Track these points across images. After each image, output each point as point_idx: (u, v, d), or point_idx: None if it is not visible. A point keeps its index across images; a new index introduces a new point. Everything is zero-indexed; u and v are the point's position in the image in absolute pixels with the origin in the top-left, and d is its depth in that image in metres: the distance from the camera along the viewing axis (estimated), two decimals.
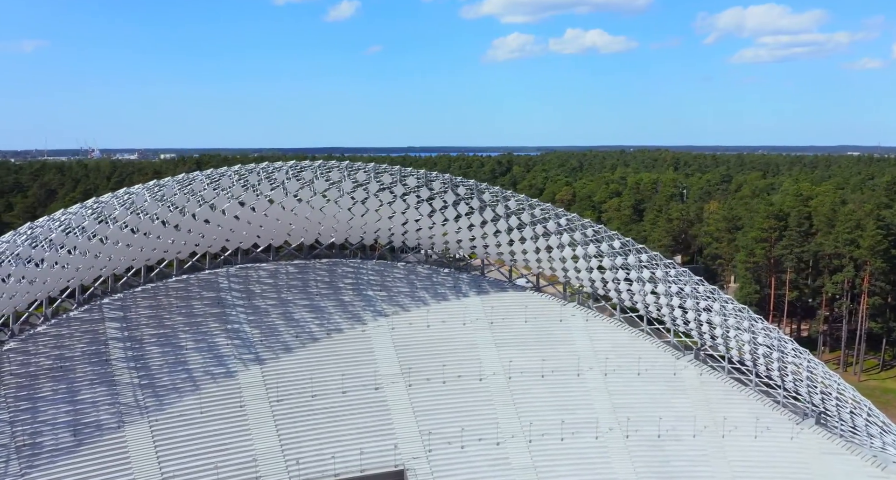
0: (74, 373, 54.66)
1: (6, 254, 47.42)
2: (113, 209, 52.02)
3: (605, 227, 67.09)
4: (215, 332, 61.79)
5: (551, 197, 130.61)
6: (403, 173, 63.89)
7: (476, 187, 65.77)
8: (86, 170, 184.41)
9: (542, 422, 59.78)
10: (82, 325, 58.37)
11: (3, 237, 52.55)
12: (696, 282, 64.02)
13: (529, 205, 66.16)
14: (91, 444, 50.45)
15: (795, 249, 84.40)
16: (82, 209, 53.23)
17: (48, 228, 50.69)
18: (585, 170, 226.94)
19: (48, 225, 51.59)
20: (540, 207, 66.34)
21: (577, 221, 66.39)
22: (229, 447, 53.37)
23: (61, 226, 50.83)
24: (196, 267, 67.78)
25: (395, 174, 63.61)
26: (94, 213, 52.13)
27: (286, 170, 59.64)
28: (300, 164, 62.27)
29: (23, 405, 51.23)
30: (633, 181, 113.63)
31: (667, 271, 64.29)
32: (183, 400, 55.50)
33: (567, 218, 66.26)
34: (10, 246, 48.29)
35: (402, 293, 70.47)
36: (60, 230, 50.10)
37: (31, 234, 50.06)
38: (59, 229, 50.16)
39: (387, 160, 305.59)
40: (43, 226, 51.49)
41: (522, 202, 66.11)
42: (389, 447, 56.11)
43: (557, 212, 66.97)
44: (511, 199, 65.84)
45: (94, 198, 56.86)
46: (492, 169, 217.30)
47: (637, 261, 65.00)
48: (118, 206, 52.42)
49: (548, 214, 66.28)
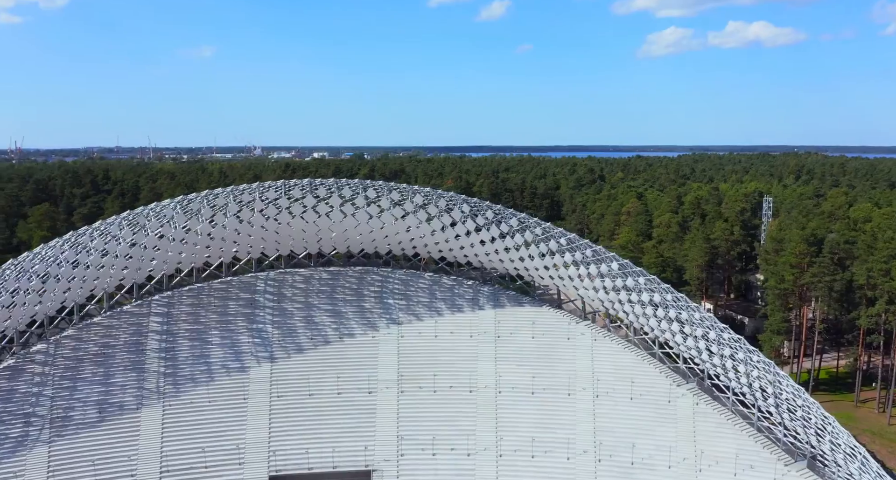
0: (114, 359, 64.87)
1: (77, 247, 57.29)
2: (171, 213, 60.53)
3: (603, 248, 67.02)
4: (240, 330, 69.86)
5: (618, 209, 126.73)
6: (413, 191, 67.84)
7: (480, 205, 68.23)
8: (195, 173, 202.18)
9: (518, 438, 61.87)
10: (131, 318, 68.66)
11: (80, 230, 62.86)
12: (692, 308, 62.63)
13: (535, 221, 67.65)
14: (110, 422, 60.15)
15: (826, 278, 77.18)
16: (144, 211, 62.19)
17: (117, 226, 60.05)
18: (695, 176, 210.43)
19: (118, 222, 60.99)
20: (542, 227, 67.61)
21: (578, 241, 66.94)
22: (224, 434, 61.03)
23: (129, 224, 60.00)
24: (243, 270, 76.47)
25: (406, 192, 67.69)
26: (156, 216, 60.89)
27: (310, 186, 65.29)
28: (339, 182, 67.66)
29: (65, 383, 62.00)
30: (691, 198, 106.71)
31: (664, 295, 63.35)
32: (196, 390, 63.98)
33: (567, 237, 67.00)
34: (86, 239, 58.19)
35: (420, 302, 74.77)
36: (128, 228, 59.33)
37: (103, 230, 59.79)
38: (127, 227, 59.37)
39: (526, 160, 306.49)
40: (112, 224, 61.18)
41: (524, 220, 67.74)
42: (364, 448, 61.06)
43: (559, 231, 67.81)
44: (513, 218, 67.69)
45: (157, 203, 66.06)
46: (587, 172, 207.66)
47: (635, 284, 64.56)
48: (180, 211, 60.92)
49: (550, 233, 67.42)
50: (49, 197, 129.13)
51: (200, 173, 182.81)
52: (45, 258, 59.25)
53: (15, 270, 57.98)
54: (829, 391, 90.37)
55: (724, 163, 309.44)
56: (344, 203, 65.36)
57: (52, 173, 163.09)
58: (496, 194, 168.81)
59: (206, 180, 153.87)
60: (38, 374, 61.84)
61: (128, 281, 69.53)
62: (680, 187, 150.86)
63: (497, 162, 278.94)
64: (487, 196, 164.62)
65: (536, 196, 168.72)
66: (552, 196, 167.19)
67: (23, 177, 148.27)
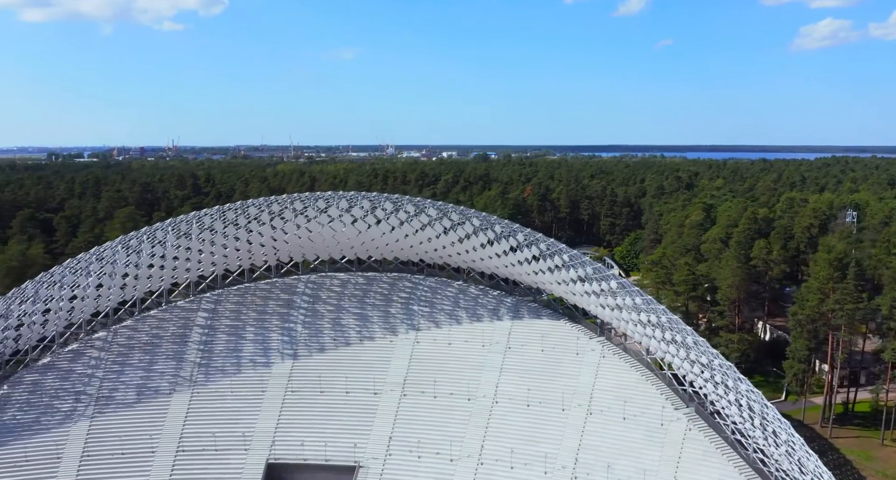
0: (159, 348, 73.65)
1: (144, 244, 66.19)
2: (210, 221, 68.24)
3: (603, 267, 66.51)
4: (273, 328, 76.52)
5: (682, 219, 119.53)
6: (423, 205, 71.15)
7: (487, 219, 70.02)
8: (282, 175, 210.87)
9: (502, 449, 63.38)
10: (182, 312, 77.41)
11: (130, 235, 71.95)
12: (686, 331, 61.04)
13: (536, 238, 68.57)
14: (145, 403, 68.59)
15: (847, 305, 69.06)
16: (187, 218, 70.17)
17: (162, 231, 68.41)
18: (805, 184, 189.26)
19: (179, 224, 69.38)
20: (545, 243, 68.31)
21: (579, 258, 67.03)
22: (238, 422, 67.59)
23: (173, 230, 68.20)
24: (290, 272, 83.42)
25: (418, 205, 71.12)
26: (210, 218, 68.64)
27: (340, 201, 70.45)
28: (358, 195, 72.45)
29: (115, 367, 71.40)
30: (750, 213, 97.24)
31: (659, 316, 62.23)
32: (223, 380, 71.20)
33: (570, 254, 67.27)
34: (135, 243, 67.18)
35: (443, 310, 77.90)
36: (172, 233, 67.64)
37: (150, 235, 68.48)
38: (171, 232, 67.68)
39: (651, 162, 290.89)
40: (159, 230, 69.72)
41: (529, 235, 68.79)
42: (353, 445, 65.26)
43: (561, 248, 68.18)
44: (519, 233, 68.93)
45: (219, 206, 73.74)
46: (674, 179, 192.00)
47: (633, 303, 63.84)
48: (235, 215, 68.53)
49: (553, 249, 68.01)
50: (153, 198, 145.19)
51: (294, 176, 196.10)
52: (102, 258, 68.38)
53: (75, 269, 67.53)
54: (861, 425, 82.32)
55: (856, 168, 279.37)
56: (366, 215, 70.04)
57: (161, 175, 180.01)
58: (575, 201, 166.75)
59: (296, 183, 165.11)
60: (95, 358, 71.68)
61: (182, 280, 78.41)
62: (772, 196, 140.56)
63: (596, 165, 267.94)
64: (566, 203, 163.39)
65: (616, 203, 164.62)
66: (633, 204, 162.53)
67: (133, 179, 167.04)
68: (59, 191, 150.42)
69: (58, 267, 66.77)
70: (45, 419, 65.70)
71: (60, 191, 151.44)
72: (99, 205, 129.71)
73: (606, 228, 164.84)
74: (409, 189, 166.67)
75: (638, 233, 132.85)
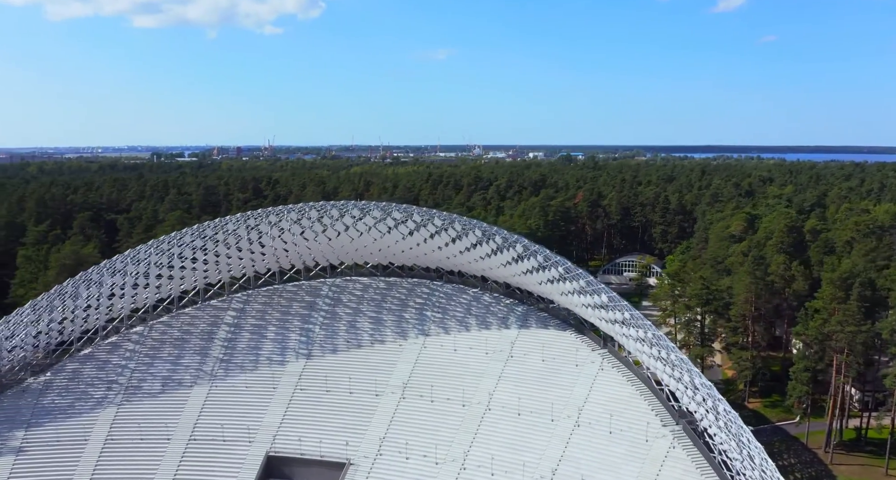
0: (188, 344, 79.36)
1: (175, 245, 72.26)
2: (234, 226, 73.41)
3: (595, 280, 66.04)
4: (292, 329, 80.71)
5: (723, 230, 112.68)
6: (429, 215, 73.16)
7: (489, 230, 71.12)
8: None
9: (485, 456, 64.34)
10: (213, 311, 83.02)
11: (161, 238, 78.24)
12: (670, 348, 60.04)
13: (534, 250, 69.10)
14: (168, 394, 74.18)
15: (848, 327, 63.13)
16: (211, 225, 75.34)
17: (189, 236, 74.03)
18: (886, 191, 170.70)
19: (221, 226, 74.94)
20: (543, 255, 68.62)
21: (574, 271, 66.98)
22: (247, 416, 71.90)
23: (199, 235, 73.87)
24: (318, 275, 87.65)
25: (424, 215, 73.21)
26: (222, 229, 73.81)
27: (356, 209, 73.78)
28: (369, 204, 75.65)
29: (146, 359, 77.59)
30: (783, 225, 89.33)
31: (646, 332, 61.47)
32: (240, 376, 75.86)
33: (565, 267, 67.33)
34: (190, 236, 73.08)
35: (454, 316, 79.58)
36: (199, 239, 73.26)
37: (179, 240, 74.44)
38: (198, 237, 73.30)
39: (732, 165, 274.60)
40: (186, 234, 75.52)
41: (528, 247, 69.37)
42: (345, 443, 68.06)
43: (558, 260, 68.25)
44: (517, 245, 69.63)
45: (220, 219, 79.41)
46: (732, 186, 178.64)
47: (623, 318, 63.29)
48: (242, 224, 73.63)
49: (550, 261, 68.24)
50: (216, 200, 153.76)
51: (350, 179, 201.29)
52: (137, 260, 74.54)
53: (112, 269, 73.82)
54: (874, 453, 75.95)
55: None
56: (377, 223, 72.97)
57: (226, 178, 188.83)
58: (626, 208, 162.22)
59: (349, 187, 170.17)
60: (130, 350, 78.21)
61: (216, 281, 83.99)
62: (840, 205, 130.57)
63: (661, 168, 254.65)
64: (616, 209, 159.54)
65: (669, 210, 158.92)
66: (689, 211, 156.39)
67: (198, 183, 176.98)
68: (131, 193, 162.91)
69: (95, 267, 73.34)
70: (78, 404, 72.41)
71: (131, 193, 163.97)
72: (160, 206, 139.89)
73: (658, 236, 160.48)
74: (457, 194, 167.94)
75: (689, 243, 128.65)
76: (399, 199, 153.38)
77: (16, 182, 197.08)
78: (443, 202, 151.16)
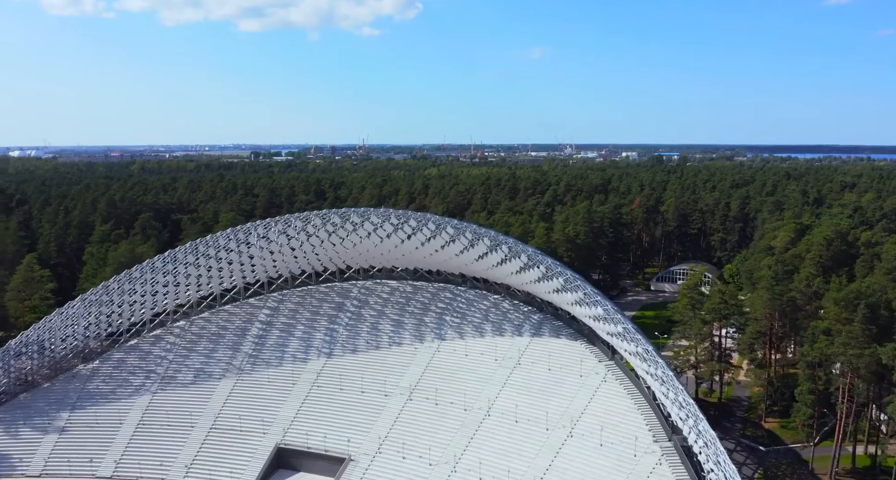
0: (223, 338, 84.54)
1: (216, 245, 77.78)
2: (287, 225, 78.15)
3: (594, 291, 65.33)
4: (319, 328, 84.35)
5: (772, 238, 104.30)
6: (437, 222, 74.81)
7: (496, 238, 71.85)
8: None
9: (476, 461, 65.22)
10: (250, 308, 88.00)
11: (216, 234, 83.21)
12: (660, 364, 58.99)
13: (538, 260, 69.34)
14: (198, 385, 79.31)
15: (851, 350, 56.95)
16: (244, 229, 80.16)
17: (224, 238, 79.23)
18: None
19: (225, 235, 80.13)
20: (545, 265, 68.68)
21: (575, 281, 66.73)
22: (266, 409, 75.85)
23: (234, 239, 78.83)
24: (351, 277, 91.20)
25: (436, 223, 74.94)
26: (265, 228, 78.62)
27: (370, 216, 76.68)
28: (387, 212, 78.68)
29: (183, 352, 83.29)
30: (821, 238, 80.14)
31: (636, 346, 60.70)
32: (265, 371, 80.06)
33: (565, 277, 67.19)
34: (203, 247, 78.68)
35: (472, 322, 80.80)
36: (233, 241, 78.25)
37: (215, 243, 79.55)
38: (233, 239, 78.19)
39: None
40: (221, 237, 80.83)
41: (533, 256, 69.65)
42: (348, 440, 70.61)
43: (559, 270, 68.14)
44: (522, 254, 70.05)
45: (240, 226, 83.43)
46: (799, 194, 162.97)
47: (616, 330, 62.74)
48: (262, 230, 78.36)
49: (552, 272, 68.30)
50: (279, 202, 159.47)
51: (407, 181, 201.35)
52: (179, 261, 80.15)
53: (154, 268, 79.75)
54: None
55: None
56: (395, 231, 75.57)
57: (293, 182, 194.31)
58: (684, 214, 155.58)
59: (406, 193, 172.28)
60: (171, 343, 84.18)
61: (253, 280, 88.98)
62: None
63: (736, 173, 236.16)
64: (673, 216, 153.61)
65: (729, 218, 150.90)
66: (751, 218, 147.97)
67: (263, 185, 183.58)
68: (201, 194, 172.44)
69: (138, 265, 79.60)
70: (119, 390, 78.73)
71: (202, 193, 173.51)
72: (223, 207, 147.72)
73: (718, 244, 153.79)
74: (511, 198, 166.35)
75: (745, 253, 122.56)
76: (451, 203, 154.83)
77: (100, 180, 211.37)
78: (493, 207, 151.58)
